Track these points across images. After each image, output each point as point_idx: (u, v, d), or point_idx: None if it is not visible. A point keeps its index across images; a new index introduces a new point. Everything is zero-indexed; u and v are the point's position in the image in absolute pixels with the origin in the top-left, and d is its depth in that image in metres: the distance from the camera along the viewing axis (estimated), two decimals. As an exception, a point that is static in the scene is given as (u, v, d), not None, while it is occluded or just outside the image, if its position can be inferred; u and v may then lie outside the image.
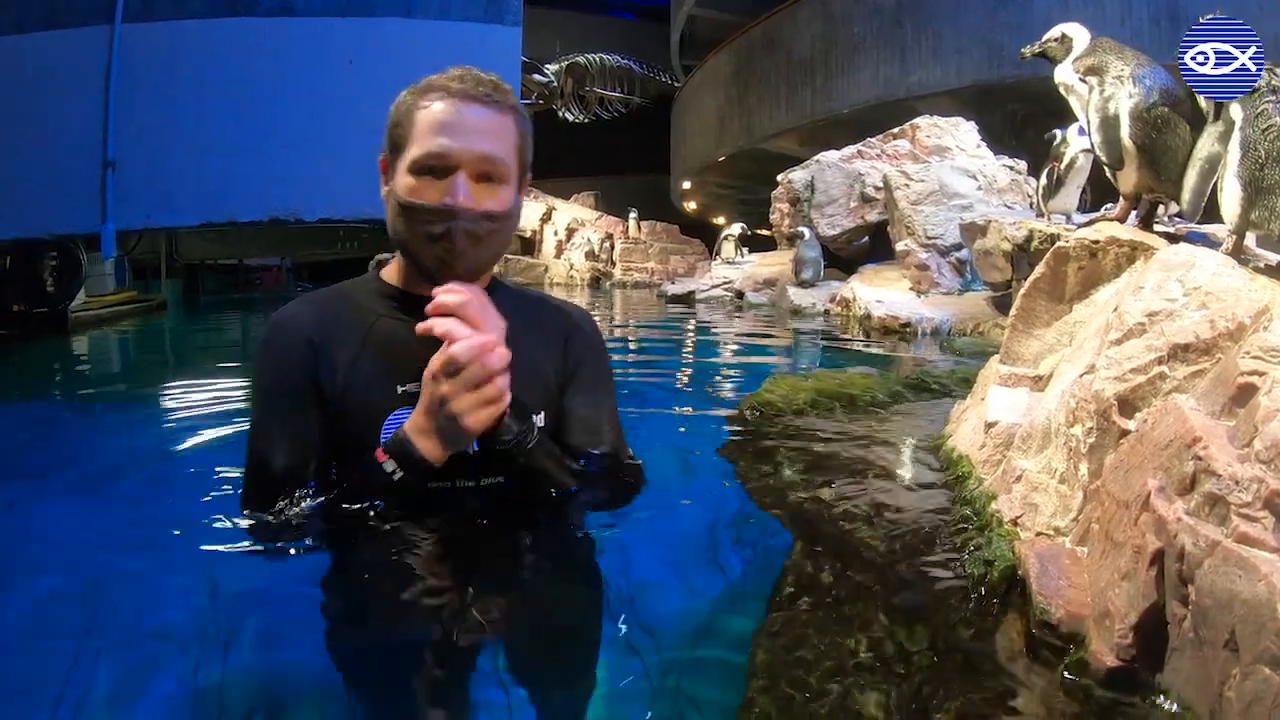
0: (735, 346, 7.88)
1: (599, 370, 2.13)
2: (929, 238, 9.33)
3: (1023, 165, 10.39)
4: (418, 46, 9.00)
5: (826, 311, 9.83)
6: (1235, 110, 2.33)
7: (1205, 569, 1.24)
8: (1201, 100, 2.52)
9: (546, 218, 23.66)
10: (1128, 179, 2.80)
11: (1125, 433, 1.74)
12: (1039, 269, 2.66)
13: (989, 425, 2.36)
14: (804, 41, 19.69)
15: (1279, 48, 10.53)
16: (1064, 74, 2.97)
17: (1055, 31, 3.04)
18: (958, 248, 9.03)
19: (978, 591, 1.79)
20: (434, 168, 1.74)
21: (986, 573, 1.82)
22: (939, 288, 8.93)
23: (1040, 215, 7.24)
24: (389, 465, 1.72)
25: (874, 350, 7.07)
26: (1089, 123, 2.87)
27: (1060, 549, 1.78)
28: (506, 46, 9.45)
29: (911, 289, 9.16)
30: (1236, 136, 2.31)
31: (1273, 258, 2.47)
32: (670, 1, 27.73)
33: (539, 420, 1.91)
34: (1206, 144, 2.48)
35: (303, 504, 1.82)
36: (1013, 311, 2.70)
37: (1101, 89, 2.81)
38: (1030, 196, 9.44)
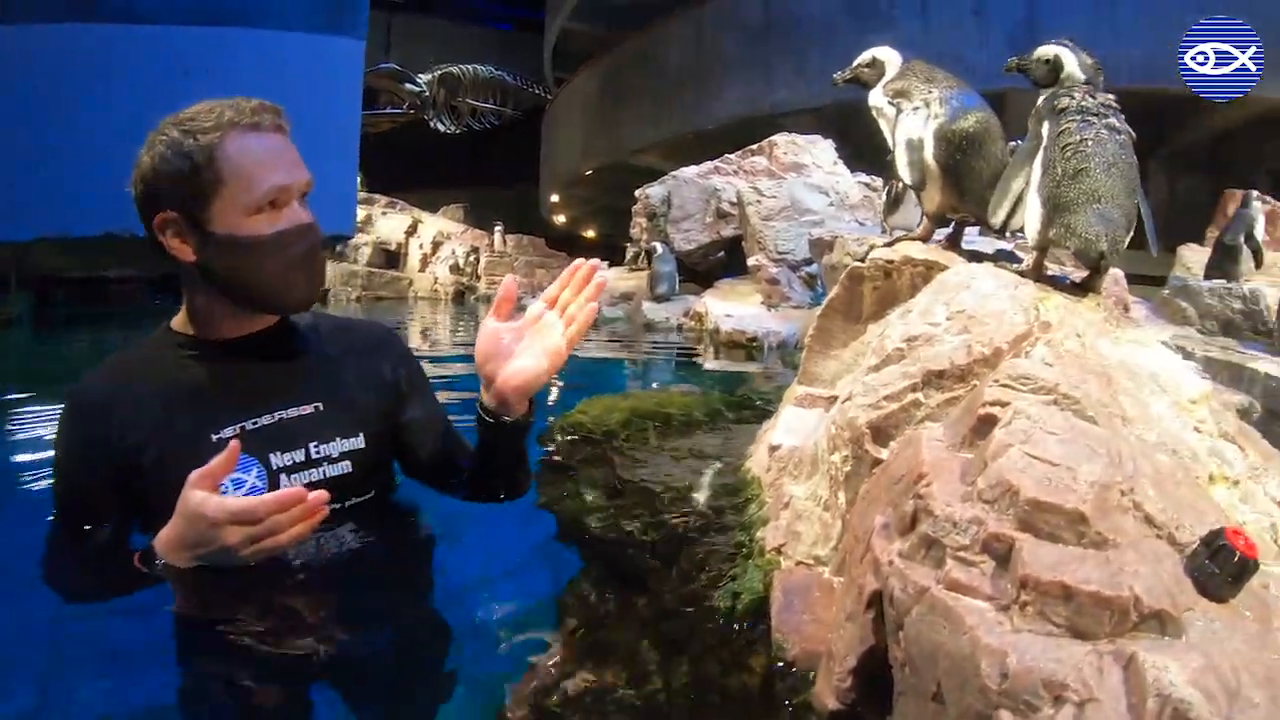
0: (576, 363, 7.79)
1: (422, 378, 2.20)
2: (780, 253, 9.42)
3: (879, 182, 10.51)
4: (259, 57, 8.78)
5: (680, 326, 9.83)
6: (1044, 128, 2.33)
7: (913, 617, 1.18)
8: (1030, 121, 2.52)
9: (412, 230, 23.31)
10: (931, 199, 2.79)
11: (879, 462, 1.69)
12: (835, 289, 2.64)
13: (772, 449, 2.30)
14: (672, 58, 19.82)
15: (1134, 73, 10.90)
16: (875, 98, 2.94)
17: (865, 56, 3.00)
18: (808, 263, 9.11)
19: (728, 626, 1.74)
20: (275, 202, 1.75)
21: (734, 605, 1.77)
22: (789, 301, 8.99)
23: (884, 231, 7.32)
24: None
25: (719, 364, 7.14)
26: (894, 144, 2.85)
27: (814, 579, 1.72)
28: (349, 58, 9.26)
29: (763, 303, 9.20)
30: (1040, 155, 2.32)
31: (1078, 275, 2.49)
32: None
33: (358, 442, 1.94)
34: (1017, 161, 2.46)
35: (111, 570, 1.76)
36: (809, 332, 2.66)
37: (907, 112, 2.79)
38: (886, 213, 9.60)
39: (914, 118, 2.74)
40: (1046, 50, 2.41)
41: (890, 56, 2.95)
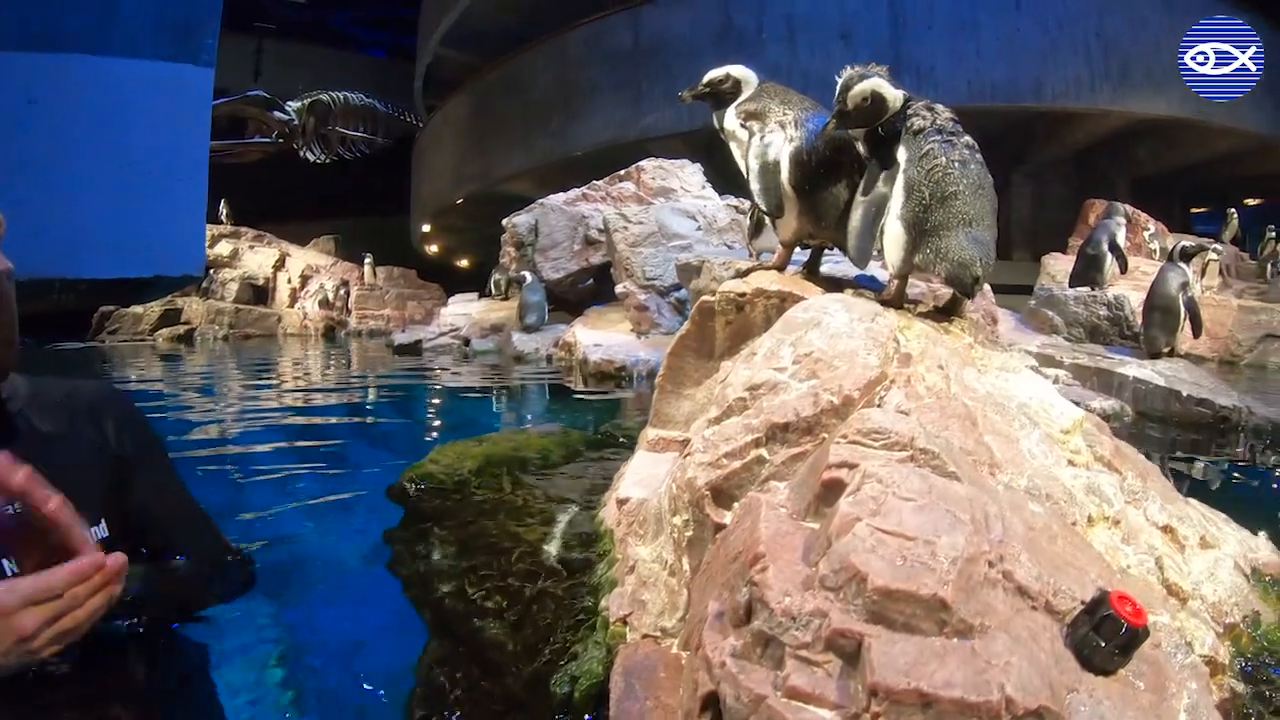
0: (444, 402, 7.58)
1: (154, 455, 1.82)
2: (648, 279, 9.36)
3: (747, 205, 10.50)
4: (105, 86, 8.33)
5: (550, 357, 9.68)
6: (900, 151, 2.24)
7: (748, 731, 0.99)
8: (860, 146, 2.41)
9: (280, 265, 22.69)
10: (787, 226, 2.67)
11: (721, 526, 1.51)
12: (685, 325, 2.48)
13: (620, 502, 2.12)
14: (541, 84, 19.73)
15: (999, 92, 11.18)
16: (728, 121, 2.81)
17: (719, 73, 2.84)
18: (677, 288, 9.05)
19: (567, 717, 1.54)
20: None
21: (572, 692, 1.57)
22: (659, 328, 8.91)
23: (752, 255, 7.27)
24: None
25: (592, 396, 7.02)
26: (748, 170, 2.71)
27: (660, 657, 1.53)
28: (198, 87, 8.86)
29: (633, 330, 9.12)
30: (900, 178, 2.22)
31: (945, 293, 2.43)
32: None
33: (100, 531, 1.58)
34: (872, 187, 2.34)
35: None
36: (660, 371, 2.49)
37: (762, 135, 2.65)
38: (759, 236, 9.61)
39: (770, 140, 2.60)
40: (863, 89, 2.27)
41: (747, 75, 2.82)
